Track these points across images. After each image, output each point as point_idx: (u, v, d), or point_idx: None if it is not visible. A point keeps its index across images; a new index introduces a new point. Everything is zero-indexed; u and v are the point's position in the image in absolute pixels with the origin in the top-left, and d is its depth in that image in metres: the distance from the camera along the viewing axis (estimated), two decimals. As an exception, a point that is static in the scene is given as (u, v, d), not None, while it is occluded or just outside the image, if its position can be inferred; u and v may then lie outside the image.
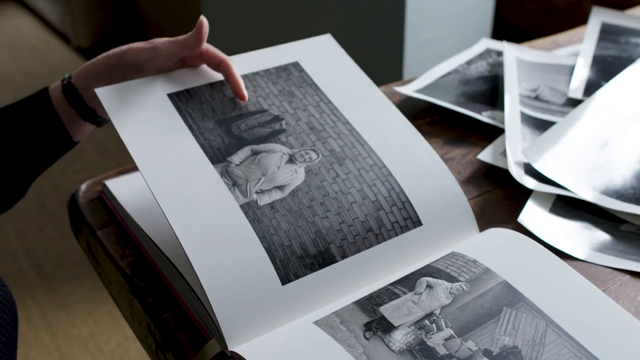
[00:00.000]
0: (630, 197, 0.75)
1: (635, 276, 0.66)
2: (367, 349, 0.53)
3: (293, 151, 0.67)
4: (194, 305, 0.60)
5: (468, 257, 0.62)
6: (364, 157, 0.68)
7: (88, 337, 1.67)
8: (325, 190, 0.65)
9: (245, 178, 0.64)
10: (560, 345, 0.55)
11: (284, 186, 0.64)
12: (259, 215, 0.62)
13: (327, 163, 0.67)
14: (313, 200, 0.64)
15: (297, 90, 0.74)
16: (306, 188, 0.65)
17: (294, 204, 0.63)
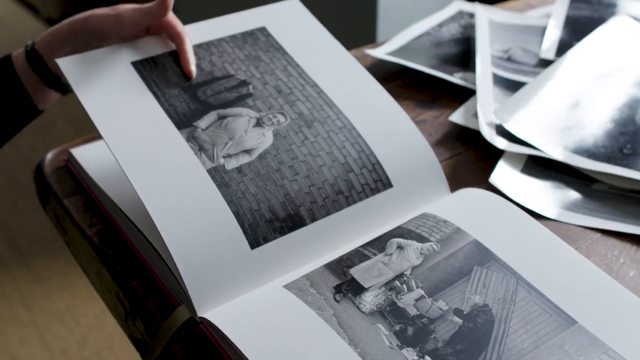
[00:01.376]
0: (601, 155, 0.75)
1: (606, 234, 0.67)
2: (337, 311, 0.53)
3: (261, 115, 0.66)
4: (163, 271, 0.59)
5: (439, 217, 0.62)
6: (332, 120, 0.67)
7: (64, 310, 1.66)
8: (293, 153, 0.64)
9: (211, 143, 0.63)
10: (531, 303, 0.55)
11: (252, 150, 0.63)
12: (227, 180, 0.61)
13: (296, 126, 0.66)
14: (281, 163, 0.63)
15: (264, 54, 0.72)
16: (274, 151, 0.64)
17: (262, 167, 0.62)
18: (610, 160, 0.74)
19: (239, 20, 0.76)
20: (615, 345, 0.52)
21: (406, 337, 0.52)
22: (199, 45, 0.72)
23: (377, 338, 0.51)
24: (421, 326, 0.53)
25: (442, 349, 0.51)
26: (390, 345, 0.51)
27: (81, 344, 1.58)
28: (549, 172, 0.74)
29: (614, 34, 0.95)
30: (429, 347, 0.51)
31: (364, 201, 0.63)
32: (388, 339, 0.51)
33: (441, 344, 0.51)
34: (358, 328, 0.52)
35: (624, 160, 0.74)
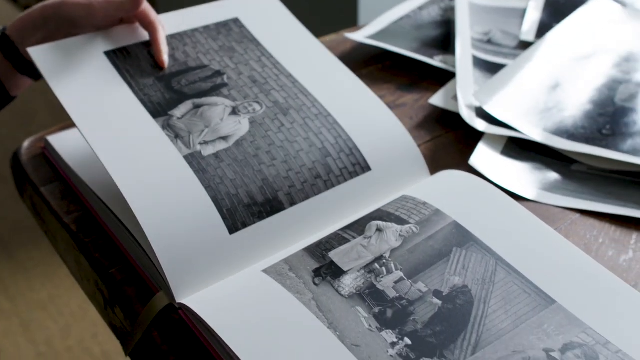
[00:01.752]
0: (580, 137, 0.75)
1: (585, 215, 0.67)
2: (316, 295, 0.53)
3: (236, 103, 0.66)
4: (141, 258, 0.59)
5: (418, 199, 0.62)
6: (308, 107, 0.67)
7: (48, 300, 1.65)
8: (270, 139, 0.63)
9: (187, 130, 0.63)
10: (510, 283, 0.55)
11: (229, 137, 0.63)
12: (204, 166, 0.60)
13: (272, 114, 0.66)
14: (259, 149, 0.62)
15: (238, 45, 0.72)
16: (251, 138, 0.63)
17: (239, 153, 0.62)
18: (589, 141, 0.74)
19: (213, 11, 0.76)
20: (594, 323, 0.52)
21: (385, 320, 0.52)
22: (173, 35, 0.72)
23: (356, 321, 0.51)
24: (400, 308, 0.53)
25: (421, 330, 0.51)
26: (370, 327, 0.51)
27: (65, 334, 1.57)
28: (528, 153, 0.74)
29: (594, 15, 0.95)
30: (408, 329, 0.51)
31: (342, 185, 0.63)
32: (367, 322, 0.51)
33: (420, 326, 0.51)
34: (337, 311, 0.52)
35: (603, 141, 0.74)
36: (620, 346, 0.51)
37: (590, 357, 0.50)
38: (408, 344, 0.50)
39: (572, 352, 0.50)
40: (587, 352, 0.50)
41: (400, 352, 0.49)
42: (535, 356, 0.50)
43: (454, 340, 0.51)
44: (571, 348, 0.51)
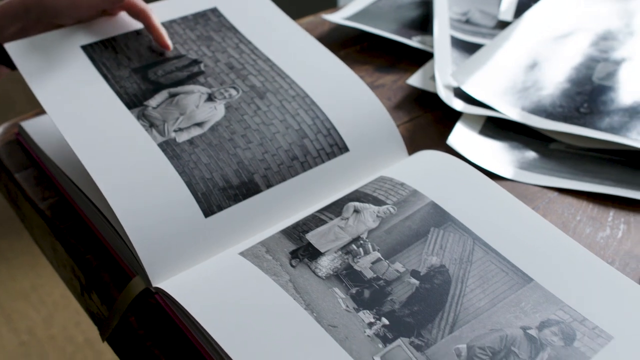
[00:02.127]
0: (558, 115, 0.75)
1: (563, 193, 0.67)
2: (293, 277, 0.52)
3: (212, 90, 0.66)
4: (117, 243, 0.58)
5: (395, 180, 0.61)
6: (285, 89, 0.66)
7: (30, 290, 1.64)
8: (246, 123, 0.63)
9: (162, 119, 0.62)
10: (488, 262, 0.55)
11: (204, 123, 0.62)
12: (178, 152, 0.60)
13: (248, 98, 0.65)
14: (234, 133, 0.62)
15: (216, 34, 0.72)
16: (226, 122, 0.63)
17: (214, 138, 0.61)
18: (567, 119, 0.74)
19: (191, 1, 0.76)
20: (571, 301, 0.52)
21: (363, 300, 0.51)
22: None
23: (333, 302, 0.51)
24: (378, 288, 0.52)
25: (399, 310, 0.51)
26: (347, 308, 0.51)
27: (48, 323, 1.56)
28: (506, 133, 0.74)
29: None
30: (385, 309, 0.51)
31: (320, 166, 0.62)
32: (344, 302, 0.51)
33: (398, 306, 0.51)
34: (314, 292, 0.51)
35: (581, 119, 0.74)
36: (597, 322, 0.51)
37: (567, 333, 0.50)
38: (385, 324, 0.50)
39: (549, 329, 0.50)
40: (564, 328, 0.50)
41: (378, 332, 0.49)
42: (512, 334, 0.50)
43: (432, 320, 0.51)
44: (548, 325, 0.51)
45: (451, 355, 0.48)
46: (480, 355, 0.48)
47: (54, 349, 1.51)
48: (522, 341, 0.49)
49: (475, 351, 0.49)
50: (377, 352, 0.48)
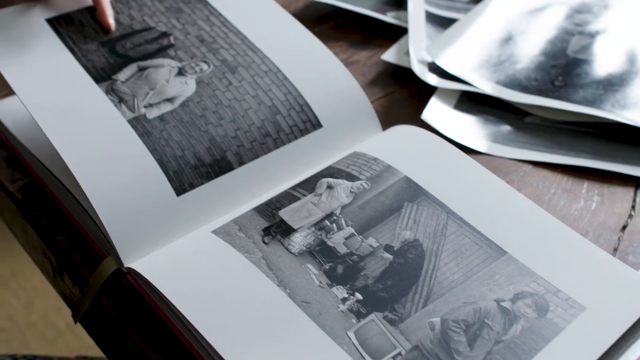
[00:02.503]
0: (533, 89, 0.74)
1: (538, 166, 0.67)
2: (265, 254, 0.52)
3: (183, 64, 0.64)
4: (88, 224, 0.58)
5: (369, 155, 0.61)
6: (257, 64, 0.65)
7: (9, 276, 1.63)
8: (218, 98, 0.62)
9: (132, 94, 0.61)
10: (462, 236, 0.55)
11: (174, 98, 0.61)
12: (148, 129, 0.59)
13: (219, 72, 0.64)
14: (205, 109, 0.61)
15: (185, 6, 0.70)
16: (197, 98, 0.62)
17: (185, 114, 0.60)
18: (542, 92, 0.74)
19: None
20: (544, 272, 0.52)
21: (336, 276, 0.51)
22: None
23: (306, 278, 0.51)
24: (351, 264, 0.52)
25: (372, 285, 0.51)
26: (320, 284, 0.50)
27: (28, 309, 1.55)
28: (481, 107, 0.74)
29: (546, -33, 0.94)
30: (359, 284, 0.51)
31: (293, 142, 0.62)
32: (318, 278, 0.51)
33: (371, 281, 0.51)
34: (287, 269, 0.51)
35: (556, 92, 0.74)
36: (570, 294, 0.51)
37: (540, 305, 0.50)
38: (359, 299, 0.50)
39: (523, 301, 0.50)
40: (537, 300, 0.50)
41: (351, 307, 0.49)
42: (486, 306, 0.50)
43: (405, 294, 0.50)
44: (522, 297, 0.51)
45: (425, 328, 0.48)
46: (454, 329, 0.48)
47: (34, 335, 1.50)
48: (496, 313, 0.49)
49: (449, 324, 0.48)
50: (351, 327, 0.48)
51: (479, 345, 0.47)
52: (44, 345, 1.49)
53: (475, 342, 0.47)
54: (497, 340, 0.48)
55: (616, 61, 0.78)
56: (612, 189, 0.64)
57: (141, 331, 0.52)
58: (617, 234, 0.59)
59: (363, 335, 0.47)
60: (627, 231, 0.59)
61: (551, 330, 0.49)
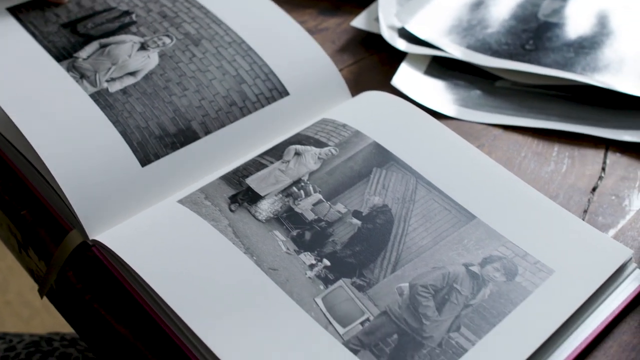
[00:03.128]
0: (504, 52, 0.74)
1: (508, 130, 0.66)
2: (232, 221, 0.51)
3: (145, 39, 0.63)
4: (52, 198, 0.56)
5: (338, 121, 0.60)
6: (221, 36, 0.64)
7: (-18, 255, 1.61)
8: (181, 70, 0.61)
9: (94, 70, 0.60)
10: (431, 201, 0.54)
11: (137, 72, 0.60)
12: (111, 102, 0.58)
13: (182, 45, 0.63)
14: (169, 81, 0.60)
15: None
16: (160, 71, 0.61)
17: (148, 87, 0.59)
18: (512, 56, 0.73)
19: None
20: (513, 236, 0.52)
21: (303, 242, 0.51)
22: None
23: (273, 245, 0.50)
24: (319, 230, 0.51)
25: (340, 251, 0.50)
26: (288, 250, 0.50)
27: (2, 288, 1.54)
28: (452, 72, 0.73)
29: None
30: (327, 251, 0.50)
31: (259, 111, 0.61)
32: (285, 245, 0.50)
33: (340, 247, 0.51)
34: (254, 236, 0.50)
35: (526, 56, 0.73)
36: (539, 257, 0.51)
37: (508, 269, 0.50)
38: (327, 265, 0.49)
39: (491, 265, 0.50)
40: (506, 264, 0.50)
41: (319, 273, 0.49)
42: (454, 271, 0.50)
43: (374, 260, 0.50)
44: (490, 261, 0.50)
45: (393, 294, 0.48)
46: (423, 293, 0.48)
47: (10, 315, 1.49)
48: (465, 278, 0.49)
49: (417, 289, 0.48)
50: (319, 293, 0.47)
51: (447, 309, 0.47)
52: (19, 324, 1.48)
53: (443, 306, 0.47)
54: (465, 304, 0.48)
55: (587, 24, 0.77)
56: (583, 152, 0.63)
57: (108, 304, 0.51)
58: (587, 195, 0.59)
59: (331, 301, 0.47)
60: (597, 193, 0.59)
61: (519, 294, 0.48)
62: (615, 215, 0.57)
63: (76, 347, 0.73)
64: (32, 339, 0.74)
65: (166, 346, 0.48)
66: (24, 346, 0.72)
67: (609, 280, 0.50)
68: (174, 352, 0.47)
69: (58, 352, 0.72)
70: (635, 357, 0.47)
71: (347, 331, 0.45)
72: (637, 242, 0.55)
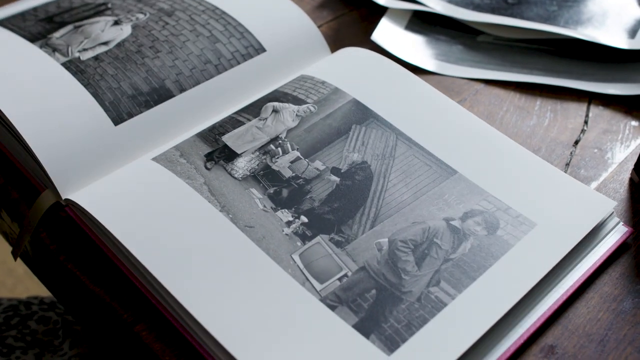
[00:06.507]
0: (486, 7, 0.72)
1: (490, 84, 0.65)
2: (208, 179, 0.50)
3: (119, 17, 0.62)
4: (24, 158, 0.55)
5: (316, 78, 0.59)
6: (195, 6, 0.63)
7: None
8: (153, 36, 0.60)
9: (66, 44, 0.59)
10: (411, 157, 0.54)
11: (109, 41, 0.59)
12: (82, 67, 0.56)
13: (156, 17, 0.62)
14: (141, 46, 0.59)
15: None
16: (133, 39, 0.60)
17: (120, 52, 0.58)
18: (495, 11, 0.72)
19: None
20: (495, 190, 0.51)
21: (281, 199, 0.50)
22: None
23: (250, 202, 0.49)
24: (296, 187, 0.50)
25: (318, 208, 0.49)
26: (264, 208, 0.49)
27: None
28: (433, 27, 0.72)
29: None
30: (304, 207, 0.49)
31: (235, 68, 0.59)
32: (262, 202, 0.49)
33: (317, 203, 0.50)
34: (230, 194, 0.49)
35: (509, 10, 0.72)
36: (521, 211, 0.50)
37: (490, 223, 0.49)
38: (304, 221, 0.48)
39: (473, 220, 0.50)
40: (487, 218, 0.50)
41: (296, 230, 0.48)
42: (435, 226, 0.49)
43: (352, 216, 0.49)
44: (472, 216, 0.50)
45: (372, 249, 0.47)
46: (402, 248, 0.47)
47: (-6, 283, 1.48)
48: (445, 232, 0.49)
49: (397, 244, 0.47)
50: (296, 250, 0.46)
51: (427, 264, 0.46)
52: (3, 292, 1.47)
53: (423, 261, 0.47)
54: (445, 258, 0.47)
55: (571, -23, 0.76)
56: (565, 105, 0.62)
57: (81, 264, 0.50)
58: (570, 148, 0.58)
59: (308, 257, 0.46)
60: (580, 146, 0.59)
61: (501, 248, 0.48)
62: (597, 168, 0.56)
63: (55, 310, 0.72)
64: (11, 302, 0.73)
65: (142, 306, 0.47)
66: (1, 310, 0.72)
67: (591, 232, 0.50)
68: (149, 312, 0.46)
69: (37, 316, 0.71)
70: (616, 307, 0.47)
71: (324, 287, 0.45)
72: (619, 195, 0.54)
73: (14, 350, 0.68)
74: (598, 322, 0.46)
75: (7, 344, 0.69)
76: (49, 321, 0.71)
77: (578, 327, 0.46)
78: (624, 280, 0.49)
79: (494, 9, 0.72)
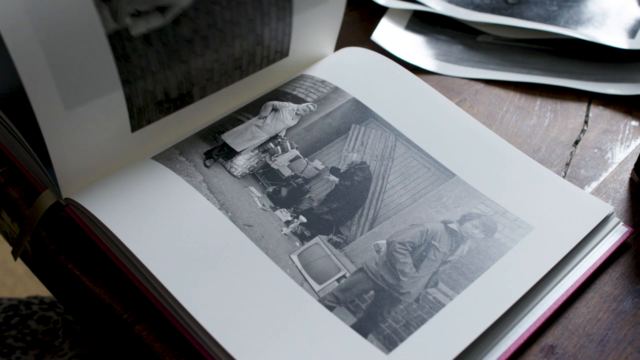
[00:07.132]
0: (486, 7, 0.72)
1: (490, 84, 0.65)
2: (207, 177, 0.50)
3: None
4: (24, 158, 0.55)
5: (316, 77, 0.59)
6: None
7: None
8: (213, 18, 0.50)
9: None
10: (410, 158, 0.54)
11: (167, 8, 0.47)
12: (128, 50, 0.46)
13: None
14: (196, 32, 0.49)
15: None
16: (193, 13, 0.48)
17: (173, 37, 0.48)
18: (495, 10, 0.72)
19: None
20: (493, 194, 0.51)
21: (280, 198, 0.50)
22: None
23: (249, 201, 0.49)
24: (295, 186, 0.51)
25: (317, 208, 0.49)
26: (263, 207, 0.49)
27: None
28: (433, 27, 0.72)
29: None
30: (303, 207, 0.49)
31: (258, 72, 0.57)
32: (260, 201, 0.49)
33: (316, 203, 0.50)
34: (229, 192, 0.49)
35: (509, 9, 0.72)
36: (518, 214, 0.50)
37: (487, 226, 0.49)
38: (303, 221, 0.48)
39: (470, 223, 0.50)
40: (485, 221, 0.50)
41: (295, 230, 0.48)
42: (433, 228, 0.49)
43: (351, 217, 0.49)
44: (469, 219, 0.50)
45: (370, 251, 0.47)
46: (400, 250, 0.47)
47: (-7, 283, 1.48)
48: (443, 235, 0.49)
49: (395, 246, 0.47)
50: (294, 250, 0.46)
51: (425, 266, 0.46)
52: (3, 292, 1.47)
53: (421, 263, 0.47)
54: (443, 260, 0.47)
55: (571, -23, 0.76)
56: (565, 105, 0.62)
57: (82, 264, 0.50)
58: (570, 149, 0.58)
59: (307, 258, 0.46)
60: (580, 146, 0.59)
61: (498, 250, 0.48)
62: (597, 168, 0.56)
63: (55, 310, 0.73)
64: (11, 302, 0.73)
65: (142, 306, 0.47)
66: (1, 310, 0.72)
67: (589, 235, 0.50)
68: (150, 312, 0.46)
69: (37, 316, 0.71)
70: (616, 307, 0.47)
71: (322, 288, 0.45)
72: (619, 195, 0.54)
73: (14, 351, 0.68)
74: (598, 322, 0.46)
75: (7, 344, 0.69)
76: (49, 321, 0.71)
77: (578, 327, 0.46)
78: (624, 280, 0.49)
79: (494, 9, 0.72)
